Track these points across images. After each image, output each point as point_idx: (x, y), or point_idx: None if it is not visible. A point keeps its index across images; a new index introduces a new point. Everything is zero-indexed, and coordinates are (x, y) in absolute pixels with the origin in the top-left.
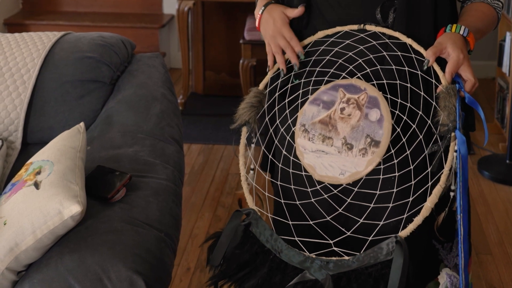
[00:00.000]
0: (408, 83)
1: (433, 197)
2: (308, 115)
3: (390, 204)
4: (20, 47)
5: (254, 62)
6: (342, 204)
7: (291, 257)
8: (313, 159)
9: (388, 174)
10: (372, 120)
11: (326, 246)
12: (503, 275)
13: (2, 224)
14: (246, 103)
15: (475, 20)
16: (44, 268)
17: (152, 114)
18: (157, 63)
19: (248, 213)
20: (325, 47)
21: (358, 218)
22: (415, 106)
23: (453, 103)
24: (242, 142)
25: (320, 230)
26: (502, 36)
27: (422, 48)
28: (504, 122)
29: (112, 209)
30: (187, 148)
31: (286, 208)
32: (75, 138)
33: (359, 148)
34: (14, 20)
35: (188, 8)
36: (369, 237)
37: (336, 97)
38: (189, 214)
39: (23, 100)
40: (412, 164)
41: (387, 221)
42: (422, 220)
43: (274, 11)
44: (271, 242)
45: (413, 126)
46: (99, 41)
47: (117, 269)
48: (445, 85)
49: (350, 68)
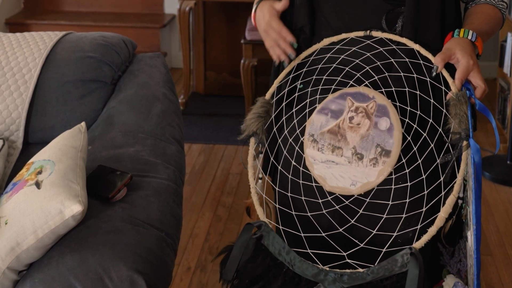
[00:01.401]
0: (417, 90)
1: (446, 207)
2: (316, 125)
3: (404, 215)
4: (22, 46)
5: (255, 62)
6: (352, 215)
7: (305, 270)
8: (323, 170)
9: (399, 184)
10: (381, 129)
11: (337, 258)
12: (503, 276)
13: (4, 223)
14: (253, 113)
15: (481, 23)
16: (45, 267)
17: (153, 114)
18: (158, 63)
19: (259, 225)
20: (331, 54)
21: (371, 229)
22: (425, 114)
23: (464, 110)
24: (251, 153)
25: (331, 241)
26: (503, 36)
27: (430, 54)
28: (505, 123)
29: (113, 208)
30: (188, 147)
31: (296, 219)
32: (76, 138)
33: (370, 158)
34: (16, 19)
35: (190, 8)
36: (382, 249)
37: (344, 106)
38: (190, 213)
39: (24, 100)
40: (424, 173)
41: (400, 232)
42: (436, 231)
43: (264, 7)
44: (284, 255)
45: (423, 134)
46: (101, 41)
47: (118, 268)
48: (456, 92)
49: (357, 76)
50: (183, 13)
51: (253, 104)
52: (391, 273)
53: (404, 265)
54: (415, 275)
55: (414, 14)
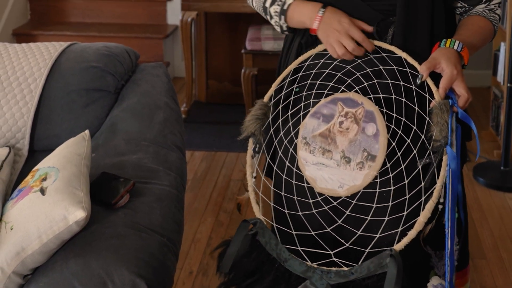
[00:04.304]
0: (403, 98)
1: (425, 212)
2: (309, 128)
3: (386, 218)
4: (28, 57)
5: (255, 71)
6: (341, 216)
7: (295, 266)
8: (314, 172)
9: (384, 187)
10: (368, 134)
11: (325, 256)
12: (497, 279)
13: (9, 229)
14: (251, 115)
15: (471, 34)
16: (49, 272)
17: (155, 122)
18: (161, 73)
19: (254, 222)
20: (325, 60)
21: (356, 230)
22: (410, 121)
23: (445, 119)
24: (249, 153)
25: (319, 240)
26: (496, 46)
27: (416, 63)
28: (498, 130)
29: (116, 214)
30: (190, 155)
31: (288, 218)
32: (80, 145)
33: (357, 162)
34: (23, 30)
35: (192, 19)
36: (365, 249)
37: (335, 111)
38: (192, 219)
39: (30, 109)
40: (407, 178)
41: (383, 234)
42: (416, 234)
43: (337, 12)
44: (276, 251)
45: (407, 140)
46: (104, 51)
47: (120, 273)
48: (438, 101)
49: (348, 82)
50: (185, 24)
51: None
52: (373, 273)
53: (385, 266)
54: (393, 275)
55: (404, 24)
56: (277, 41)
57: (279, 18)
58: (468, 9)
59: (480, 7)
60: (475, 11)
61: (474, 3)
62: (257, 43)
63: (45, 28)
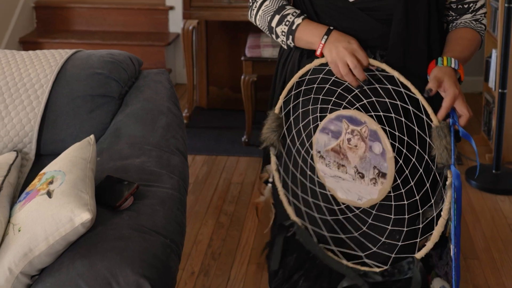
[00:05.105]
0: (402, 117)
1: (438, 227)
2: (321, 143)
3: (405, 229)
4: (34, 64)
5: (254, 78)
6: (361, 222)
7: (332, 264)
8: (333, 184)
9: (398, 201)
10: (376, 153)
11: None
12: (489, 279)
13: (17, 230)
14: (267, 128)
15: (462, 49)
16: (56, 272)
17: (158, 127)
18: (163, 79)
19: (291, 224)
20: (323, 75)
21: (380, 237)
22: (412, 139)
23: (444, 144)
24: (273, 161)
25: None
26: (488, 53)
27: (409, 82)
28: (490, 134)
29: (121, 216)
30: (191, 159)
31: (320, 221)
32: (85, 150)
33: (370, 177)
34: (29, 38)
35: (193, 27)
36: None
37: (341, 127)
38: (194, 221)
39: (36, 114)
40: (418, 194)
41: (404, 242)
42: (433, 245)
43: (343, 35)
44: (316, 249)
45: (412, 159)
46: (108, 58)
47: (125, 273)
48: (436, 126)
49: (348, 98)
50: (186, 32)
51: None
52: (400, 275)
53: (410, 270)
54: (419, 279)
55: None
56: (276, 48)
57: (287, 38)
58: (456, 18)
59: (467, 17)
60: (463, 22)
61: (461, 12)
62: (256, 50)
63: (50, 36)
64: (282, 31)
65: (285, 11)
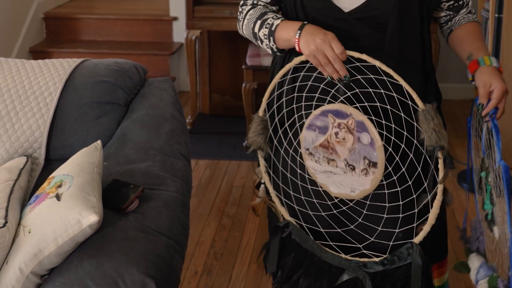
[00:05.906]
0: (388, 105)
1: (434, 209)
2: (308, 140)
3: (400, 215)
4: (43, 72)
5: (255, 86)
6: (358, 215)
7: (330, 259)
8: (325, 179)
9: (391, 189)
10: (364, 143)
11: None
12: None
13: (27, 232)
14: (253, 132)
15: (482, 43)
16: (65, 272)
17: (162, 133)
18: (167, 87)
19: (286, 225)
20: (304, 73)
21: (376, 226)
22: (399, 126)
23: (432, 126)
24: (262, 164)
25: (346, 236)
26: None
27: (391, 70)
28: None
29: (127, 218)
30: (195, 163)
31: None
32: (93, 155)
33: (361, 168)
34: (39, 48)
35: (196, 37)
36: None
37: (328, 122)
38: (197, 223)
39: (46, 120)
40: (410, 179)
41: (401, 229)
42: (430, 228)
43: (318, 28)
44: (313, 247)
45: (402, 146)
46: (115, 66)
47: (131, 273)
48: (423, 109)
49: (332, 92)
50: (190, 41)
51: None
52: (400, 262)
53: (410, 256)
54: (419, 263)
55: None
56: None
57: (268, 40)
58: (453, 16)
59: (463, 12)
60: (462, 17)
61: (458, 9)
62: (257, 59)
63: (59, 45)
64: (264, 34)
65: (266, 16)
